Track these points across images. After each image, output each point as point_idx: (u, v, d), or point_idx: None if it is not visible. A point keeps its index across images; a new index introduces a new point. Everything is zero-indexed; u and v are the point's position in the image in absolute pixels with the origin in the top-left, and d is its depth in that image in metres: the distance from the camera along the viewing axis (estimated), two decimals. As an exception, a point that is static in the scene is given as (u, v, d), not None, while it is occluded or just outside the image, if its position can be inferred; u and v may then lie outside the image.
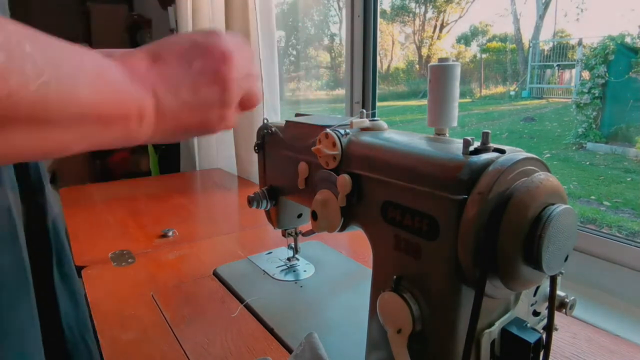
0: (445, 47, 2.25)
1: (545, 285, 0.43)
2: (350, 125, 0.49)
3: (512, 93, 1.95)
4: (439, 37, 2.23)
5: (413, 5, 2.32)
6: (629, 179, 1.31)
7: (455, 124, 0.46)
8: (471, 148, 0.37)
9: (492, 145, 0.38)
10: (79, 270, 0.77)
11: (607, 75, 1.31)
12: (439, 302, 0.38)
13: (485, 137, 0.38)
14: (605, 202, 1.29)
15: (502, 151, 0.37)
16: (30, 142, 0.24)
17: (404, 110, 2.37)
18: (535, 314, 0.43)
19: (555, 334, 0.40)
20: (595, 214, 1.28)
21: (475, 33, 2.10)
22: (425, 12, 2.30)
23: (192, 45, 0.33)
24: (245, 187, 1.40)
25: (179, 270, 0.79)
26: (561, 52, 1.70)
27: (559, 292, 0.42)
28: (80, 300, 0.56)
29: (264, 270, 0.77)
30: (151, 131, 0.31)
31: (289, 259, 0.80)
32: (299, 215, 0.71)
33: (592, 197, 1.33)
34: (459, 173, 0.36)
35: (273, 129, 0.63)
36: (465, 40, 2.15)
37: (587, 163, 1.44)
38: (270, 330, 0.60)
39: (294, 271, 0.77)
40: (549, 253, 0.33)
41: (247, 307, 0.66)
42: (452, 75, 0.45)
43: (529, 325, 0.39)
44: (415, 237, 0.39)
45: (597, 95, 1.35)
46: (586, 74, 1.43)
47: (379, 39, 1.26)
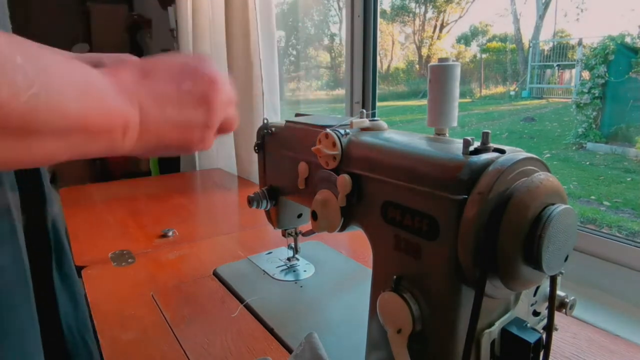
0: (445, 47, 2.25)
1: (545, 285, 0.43)
2: (350, 125, 0.49)
3: (512, 93, 1.95)
4: (439, 37, 2.23)
5: (413, 5, 2.32)
6: (629, 179, 1.31)
7: (455, 124, 0.46)
8: (471, 148, 0.37)
9: (492, 145, 0.38)
10: (79, 270, 0.77)
11: (607, 75, 1.31)
12: (439, 302, 0.38)
13: (485, 137, 0.38)
14: (605, 202, 1.29)
15: (502, 151, 0.37)
16: (17, 151, 0.24)
17: (404, 110, 2.37)
18: (535, 314, 0.43)
19: (555, 334, 0.40)
20: (595, 214, 1.28)
21: (475, 33, 2.10)
22: (425, 12, 2.30)
23: (183, 67, 0.34)
24: (245, 187, 1.40)
25: (179, 270, 0.79)
26: (561, 52, 1.70)
27: (559, 292, 0.42)
28: (80, 300, 0.56)
29: (264, 270, 0.77)
30: (133, 144, 0.31)
31: (289, 259, 0.80)
32: (299, 215, 0.71)
33: (592, 197, 1.34)
34: (459, 173, 0.36)
35: (273, 129, 0.63)
36: (465, 40, 2.16)
37: (587, 163, 1.44)
38: (270, 330, 0.60)
39: (294, 271, 0.77)
40: (549, 253, 0.33)
41: (247, 307, 0.66)
42: (452, 75, 0.45)
43: (529, 325, 0.39)
44: (415, 237, 0.39)
45: (597, 95, 1.35)
46: (586, 74, 1.43)
47: (379, 39, 1.26)
